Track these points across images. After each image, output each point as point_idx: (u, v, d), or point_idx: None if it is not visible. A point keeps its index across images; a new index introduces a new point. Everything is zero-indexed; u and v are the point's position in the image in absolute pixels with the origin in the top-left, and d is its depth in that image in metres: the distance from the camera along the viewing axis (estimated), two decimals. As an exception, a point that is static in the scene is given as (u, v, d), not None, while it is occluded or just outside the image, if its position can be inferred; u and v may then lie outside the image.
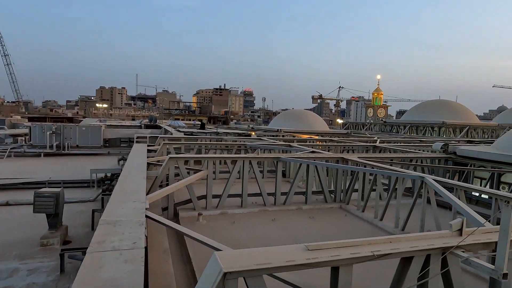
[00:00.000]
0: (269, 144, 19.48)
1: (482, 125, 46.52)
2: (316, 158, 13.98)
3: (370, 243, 4.25)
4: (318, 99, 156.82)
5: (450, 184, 9.76)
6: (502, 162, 13.63)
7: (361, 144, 21.61)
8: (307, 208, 13.21)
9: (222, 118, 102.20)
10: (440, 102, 52.58)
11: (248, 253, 3.82)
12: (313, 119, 41.27)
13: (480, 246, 4.72)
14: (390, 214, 11.44)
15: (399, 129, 49.08)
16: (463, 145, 18.57)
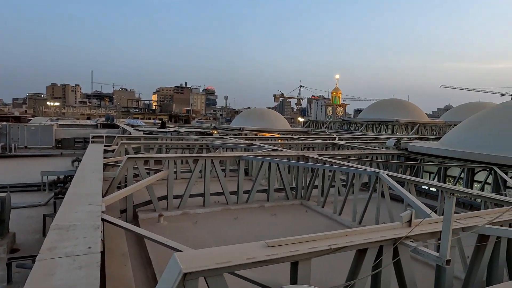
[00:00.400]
0: (232, 143, 19.46)
1: (431, 122, 49.82)
2: (277, 156, 14.20)
3: (327, 237, 4.41)
4: (280, 97, 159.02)
5: (402, 179, 10.38)
6: (447, 157, 14.69)
7: (321, 142, 22.27)
8: (269, 205, 13.39)
9: (184, 117, 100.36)
10: (394, 101, 55.54)
11: (208, 252, 3.81)
12: (275, 118, 41.84)
13: (427, 235, 5.07)
14: (348, 209, 11.92)
15: (356, 127, 51.18)
16: (414, 141, 19.76)
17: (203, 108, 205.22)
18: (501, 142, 13.58)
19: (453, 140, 16.13)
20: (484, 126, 15.45)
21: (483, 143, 13.96)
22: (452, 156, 14.34)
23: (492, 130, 14.62)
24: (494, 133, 14.34)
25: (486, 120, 15.91)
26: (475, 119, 16.84)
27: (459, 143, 15.23)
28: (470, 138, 15.11)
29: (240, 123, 40.90)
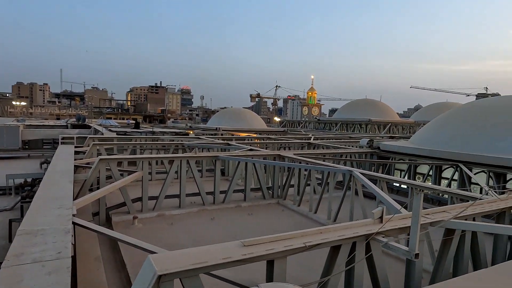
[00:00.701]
0: (208, 143, 19.34)
1: (402, 122, 51.53)
2: (254, 156, 14.24)
3: (302, 235, 4.49)
4: (256, 97, 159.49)
5: (375, 177, 10.69)
6: (417, 155, 15.27)
7: (297, 141, 22.54)
8: (246, 205, 13.42)
9: (159, 117, 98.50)
10: (367, 102, 57.02)
11: (184, 253, 3.78)
12: (251, 118, 41.91)
13: (398, 230, 5.26)
14: (324, 207, 12.15)
15: (331, 126, 52.14)
16: (386, 140, 20.39)
17: (178, 108, 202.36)
18: (465, 140, 14.27)
19: (422, 139, 16.78)
20: (450, 125, 16.18)
21: (449, 142, 14.62)
22: (421, 154, 14.92)
23: (457, 129, 15.34)
24: (459, 131, 15.05)
25: (452, 120, 16.67)
26: (442, 119, 17.59)
27: (427, 142, 15.87)
28: (437, 137, 15.78)
29: (217, 123, 40.68)
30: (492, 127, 14.08)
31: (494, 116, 14.88)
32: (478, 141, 13.83)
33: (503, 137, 13.46)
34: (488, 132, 14.01)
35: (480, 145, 13.46)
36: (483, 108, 16.82)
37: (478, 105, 18.72)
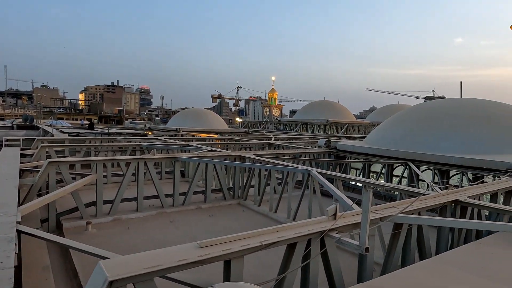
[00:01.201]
0: (167, 144, 18.93)
1: (358, 123, 53.89)
2: (214, 157, 14.18)
3: (259, 234, 4.56)
4: (217, 98, 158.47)
5: (331, 175, 11.09)
6: (371, 154, 16.06)
7: (257, 142, 22.75)
8: (207, 206, 13.31)
9: (116, 117, 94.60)
10: (325, 103, 58.93)
11: (137, 257, 3.69)
12: (212, 118, 41.61)
13: (350, 226, 5.51)
14: (283, 206, 12.38)
15: (292, 127, 53.23)
16: (343, 140, 21.20)
17: (137, 108, 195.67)
18: (414, 140, 15.25)
19: (375, 139, 17.68)
20: (400, 125, 17.21)
21: (399, 141, 15.54)
22: (374, 153, 15.72)
23: (406, 129, 16.36)
24: (408, 132, 16.05)
25: (402, 121, 17.74)
26: (393, 120, 18.65)
27: (380, 141, 16.75)
28: (389, 137, 16.71)
29: (177, 123, 39.89)
30: (437, 128, 15.17)
31: (439, 117, 16.05)
32: (424, 140, 14.84)
33: (447, 137, 14.56)
34: (433, 132, 15.07)
35: (427, 144, 14.45)
36: (429, 110, 18.08)
37: (425, 107, 20.10)
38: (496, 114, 15.72)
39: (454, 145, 14.02)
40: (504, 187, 9.54)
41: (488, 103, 17.05)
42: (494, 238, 6.16)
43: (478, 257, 5.21)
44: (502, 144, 13.90)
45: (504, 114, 15.83)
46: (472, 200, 7.71)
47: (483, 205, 7.63)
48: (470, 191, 8.47)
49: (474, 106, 16.56)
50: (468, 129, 14.61)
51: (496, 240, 6.05)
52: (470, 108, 16.36)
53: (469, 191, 8.45)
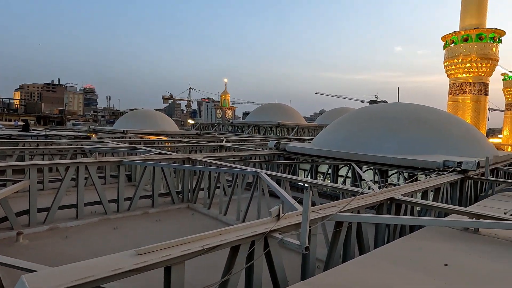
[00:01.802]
0: (112, 147, 18.01)
1: (308, 125, 55.64)
2: (162, 160, 13.78)
3: (201, 238, 4.51)
4: (168, 99, 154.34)
5: (279, 177, 11.33)
6: (318, 155, 16.67)
7: (208, 144, 22.53)
8: (154, 211, 12.89)
9: (56, 118, 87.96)
10: (277, 106, 60.13)
11: (67, 269, 3.45)
12: (162, 120, 40.38)
13: (293, 227, 5.66)
14: (233, 208, 12.38)
15: (244, 129, 53.47)
16: (292, 142, 21.76)
17: (81, 108, 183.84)
18: (356, 141, 16.12)
19: (322, 141, 18.40)
20: (344, 128, 18.09)
21: (344, 143, 16.33)
22: (321, 155, 16.34)
23: (350, 131, 17.24)
24: (352, 134, 16.93)
25: (346, 123, 18.67)
26: (338, 122, 19.55)
27: (326, 143, 17.46)
28: (334, 139, 17.48)
29: (124, 125, 38.12)
30: (377, 130, 16.19)
31: (378, 120, 17.14)
32: (366, 142, 15.75)
33: (385, 139, 15.59)
34: (374, 134, 16.05)
35: (368, 146, 15.35)
36: (371, 113, 19.23)
37: (367, 111, 21.35)
38: (428, 117, 17.17)
39: (392, 146, 15.05)
40: (434, 185, 10.46)
41: (421, 108, 18.56)
42: (423, 232, 6.71)
43: (408, 251, 5.64)
44: (433, 145, 15.20)
45: (434, 118, 17.34)
46: (406, 197, 8.33)
47: (414, 202, 8.29)
48: (404, 189, 9.16)
49: (409, 110, 17.93)
50: (404, 131, 15.78)
51: (425, 234, 6.60)
52: (406, 112, 17.68)
53: (403, 189, 9.13)
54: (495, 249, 5.77)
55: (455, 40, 33.02)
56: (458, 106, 33.41)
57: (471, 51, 31.91)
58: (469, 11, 32.67)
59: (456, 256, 5.41)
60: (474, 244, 6.00)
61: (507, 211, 7.94)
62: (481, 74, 32.12)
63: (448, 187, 11.32)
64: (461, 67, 32.71)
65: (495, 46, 32.07)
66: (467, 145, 15.99)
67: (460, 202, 12.01)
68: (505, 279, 4.64)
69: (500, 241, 6.18)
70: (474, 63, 31.86)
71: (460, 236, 6.45)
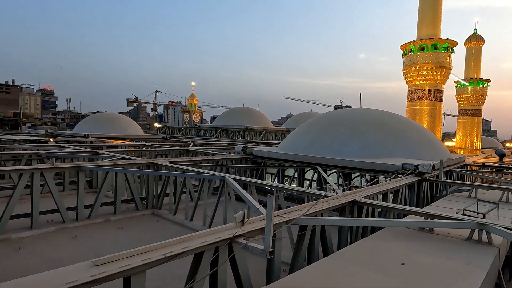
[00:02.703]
0: (71, 152, 17.17)
1: (275, 129, 56.29)
2: (125, 165, 13.33)
3: (163, 246, 4.40)
4: (134, 102, 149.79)
5: (245, 181, 11.34)
6: (284, 159, 16.88)
7: (175, 149, 22.11)
8: (117, 218, 12.43)
9: (10, 121, 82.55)
10: (244, 110, 60.30)
11: (14, 284, 3.23)
12: (127, 124, 39.11)
13: (258, 231, 5.68)
14: (200, 213, 12.22)
15: (211, 133, 53.09)
16: (259, 146, 21.89)
17: (38, 111, 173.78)
18: (321, 145, 16.52)
19: (288, 145, 18.68)
20: (310, 132, 18.48)
21: (309, 147, 16.68)
22: (287, 159, 16.58)
23: (315, 136, 17.64)
24: (317, 138, 17.33)
25: (312, 127, 19.08)
26: (304, 126, 19.94)
27: (292, 147, 17.74)
28: (300, 143, 17.81)
29: (86, 129, 36.50)
30: (340, 134, 16.69)
31: (343, 125, 17.69)
32: (331, 146, 16.18)
33: (349, 143, 16.10)
34: (338, 138, 16.54)
35: (332, 150, 15.78)
36: (335, 118, 19.80)
37: (332, 115, 21.95)
38: (389, 122, 17.97)
39: (355, 150, 15.58)
40: (393, 187, 10.94)
41: (383, 113, 19.39)
42: (382, 233, 6.99)
43: (368, 251, 5.84)
44: (393, 148, 15.92)
45: (394, 123, 18.18)
46: (367, 200, 8.64)
47: (375, 204, 8.61)
48: (366, 192, 9.50)
49: (371, 116, 18.67)
50: (366, 136, 16.39)
51: (384, 234, 6.88)
52: (368, 117, 18.39)
53: (365, 192, 9.46)
54: (448, 247, 6.13)
55: (412, 49, 34.88)
56: (416, 111, 35.23)
57: (427, 60, 33.85)
58: (425, 23, 34.68)
59: (412, 255, 5.69)
60: (428, 243, 6.34)
61: (459, 210, 8.48)
62: (436, 81, 34.13)
63: (406, 189, 11.88)
64: (418, 74, 34.58)
65: (449, 56, 34.24)
66: (424, 148, 16.90)
67: (418, 203, 12.64)
68: (456, 275, 4.93)
69: (452, 239, 6.58)
70: (430, 71, 33.83)
71: (417, 235, 6.79)
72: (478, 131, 48.53)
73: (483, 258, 5.52)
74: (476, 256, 5.63)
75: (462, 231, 6.71)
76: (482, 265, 5.24)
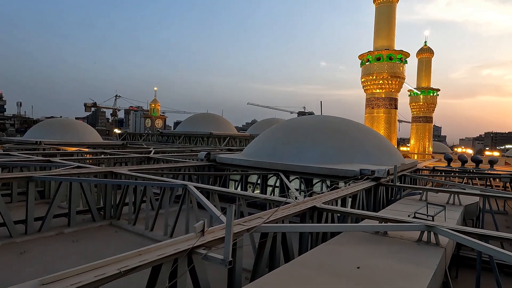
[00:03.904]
0: (21, 161, 16.08)
1: (240, 135, 56.34)
2: (80, 174, 12.71)
3: (118, 260, 4.25)
4: (92, 107, 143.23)
5: (208, 189, 11.25)
6: (247, 166, 16.95)
7: (135, 156, 21.43)
8: (71, 231, 11.77)
9: (-49, 127, 75.68)
10: (208, 115, 59.87)
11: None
12: (83, 129, 37.26)
13: (218, 241, 5.65)
14: (161, 223, 11.90)
15: (174, 139, 52.05)
16: (222, 153, 21.82)
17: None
18: (284, 151, 16.80)
19: (251, 151, 18.79)
20: (272, 139, 18.74)
21: (272, 153, 16.90)
22: (250, 165, 16.67)
23: (278, 142, 17.91)
24: (280, 144, 17.61)
25: (274, 134, 19.37)
26: (266, 133, 20.18)
27: (255, 154, 17.87)
28: (263, 149, 17.99)
29: (38, 135, 34.24)
30: (302, 141, 17.09)
31: (304, 131, 18.13)
32: (292, 152, 16.51)
33: (310, 149, 16.52)
34: (299, 145, 16.91)
35: (294, 156, 16.10)
36: (297, 124, 20.25)
37: (294, 122, 22.42)
38: (347, 129, 18.68)
39: (316, 156, 16.01)
40: (351, 192, 11.36)
41: (342, 120, 20.13)
42: (340, 237, 7.24)
43: (326, 256, 6.02)
44: (352, 154, 16.55)
45: (353, 129, 18.93)
46: (326, 205, 8.91)
47: (334, 209, 8.90)
48: (325, 197, 9.79)
49: (331, 122, 19.31)
50: (326, 142, 16.91)
51: (342, 239, 7.12)
52: (328, 124, 19.01)
53: (324, 197, 9.75)
54: (400, 249, 6.47)
55: (369, 59, 36.69)
56: (373, 118, 36.98)
57: (383, 70, 35.76)
58: (380, 35, 36.68)
59: (367, 258, 5.94)
60: (383, 246, 6.65)
61: (411, 213, 8.99)
62: (392, 90, 36.10)
63: (364, 194, 12.39)
64: (375, 83, 36.38)
65: (402, 66, 36.40)
66: (380, 154, 17.74)
67: (375, 207, 13.22)
68: (406, 276, 5.22)
69: (404, 242, 6.95)
70: (386, 80, 35.74)
71: (372, 239, 7.10)
72: (430, 137, 51.81)
73: (430, 258, 5.89)
74: (425, 257, 5.99)
75: (413, 233, 7.12)
76: (430, 265, 5.59)
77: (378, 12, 37.11)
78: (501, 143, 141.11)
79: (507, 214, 18.28)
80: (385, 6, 36.47)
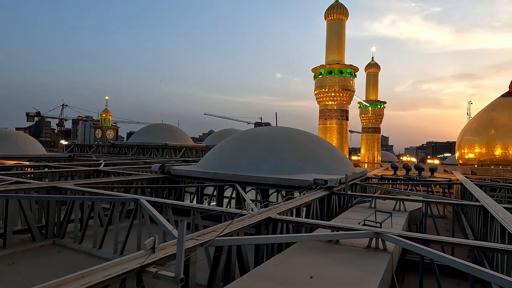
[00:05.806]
0: None
1: (196, 146, 55.51)
2: (19, 190, 11.71)
3: (58, 284, 3.94)
4: (35, 116, 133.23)
5: (160, 203, 10.88)
6: (203, 178, 16.70)
7: (83, 169, 20.22)
8: (7, 253, 10.71)
9: None
10: (163, 126, 58.39)
11: None
12: (23, 141, 34.41)
13: (170, 257, 5.45)
14: (110, 240, 11.25)
15: (127, 150, 49.96)
16: (177, 165, 21.29)
17: None
18: (240, 162, 16.81)
19: (207, 162, 18.58)
20: (228, 150, 18.70)
21: (228, 164, 16.84)
22: (206, 177, 16.44)
23: (233, 153, 17.91)
24: (236, 155, 17.61)
25: (231, 145, 19.35)
26: (223, 144, 20.11)
27: (211, 165, 17.69)
28: (219, 160, 17.88)
29: (-30, 148, 31.11)
30: (258, 152, 17.24)
31: (259, 142, 18.31)
32: (249, 163, 16.57)
33: (266, 160, 16.70)
34: (255, 155, 17.04)
35: (250, 167, 16.17)
36: (253, 136, 20.43)
37: (250, 133, 22.61)
38: (301, 140, 19.19)
39: (271, 166, 16.21)
40: (305, 202, 11.61)
41: (296, 131, 20.66)
42: (294, 248, 7.33)
43: (280, 267, 6.05)
44: (306, 164, 16.98)
45: (307, 140, 19.49)
46: (281, 216, 9.00)
47: (288, 220, 9.01)
48: (280, 208, 9.89)
49: (286, 133, 19.73)
50: (281, 152, 17.21)
51: (296, 249, 7.22)
52: (283, 135, 19.40)
53: (279, 208, 9.85)
54: (350, 257, 6.70)
55: (322, 72, 38.32)
56: (327, 129, 38.46)
57: (335, 83, 37.49)
58: (331, 49, 38.55)
59: (320, 267, 6.07)
60: (334, 255, 6.84)
61: (361, 221, 9.37)
62: (343, 102, 37.89)
63: (317, 203, 12.73)
64: (327, 95, 37.98)
65: (352, 80, 38.47)
66: (333, 164, 18.41)
67: (328, 215, 13.62)
68: (355, 283, 5.40)
69: (355, 249, 7.21)
70: (337, 92, 37.48)
71: (325, 248, 7.28)
72: (378, 147, 54.94)
73: (378, 264, 6.16)
74: (373, 263, 6.25)
75: (363, 240, 7.42)
76: (378, 271, 5.84)
77: (329, 28, 39.04)
78: (441, 151, 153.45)
79: (446, 218, 19.79)
80: (335, 23, 38.48)
